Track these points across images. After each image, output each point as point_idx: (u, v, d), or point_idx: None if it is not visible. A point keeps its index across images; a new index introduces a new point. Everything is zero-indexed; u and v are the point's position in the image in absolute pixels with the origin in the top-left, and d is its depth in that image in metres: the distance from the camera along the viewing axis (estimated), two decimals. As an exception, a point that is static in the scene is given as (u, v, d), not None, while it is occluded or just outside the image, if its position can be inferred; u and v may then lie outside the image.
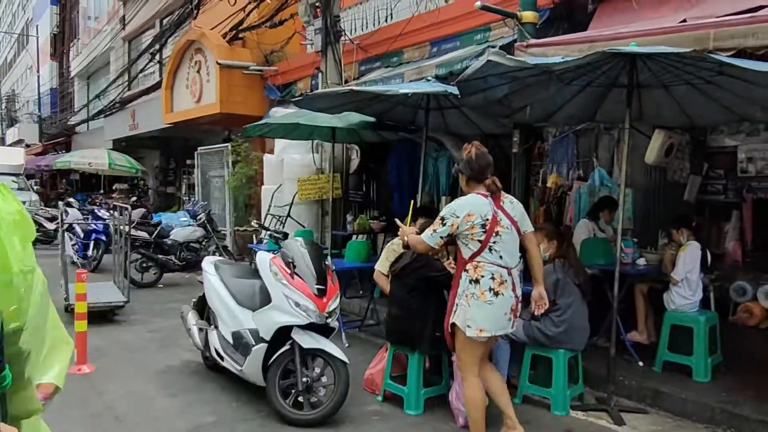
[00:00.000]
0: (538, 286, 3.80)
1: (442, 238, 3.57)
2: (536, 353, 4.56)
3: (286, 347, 4.12)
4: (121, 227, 9.38)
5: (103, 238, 10.35)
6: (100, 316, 6.72)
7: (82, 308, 5.03)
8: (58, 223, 13.37)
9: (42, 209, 14.12)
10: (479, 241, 3.50)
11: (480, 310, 3.49)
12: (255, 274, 4.65)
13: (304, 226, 8.96)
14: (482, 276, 3.50)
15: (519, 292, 3.66)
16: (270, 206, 9.39)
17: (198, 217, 10.10)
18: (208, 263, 5.17)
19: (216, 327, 4.77)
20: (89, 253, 10.52)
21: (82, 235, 10.84)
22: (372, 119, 6.98)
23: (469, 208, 3.52)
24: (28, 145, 28.73)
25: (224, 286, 4.77)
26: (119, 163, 16.60)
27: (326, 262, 4.41)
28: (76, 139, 25.35)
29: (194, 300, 5.33)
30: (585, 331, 4.60)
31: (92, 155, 16.56)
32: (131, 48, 19.89)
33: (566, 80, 4.85)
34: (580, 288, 4.56)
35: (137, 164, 17.42)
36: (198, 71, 12.95)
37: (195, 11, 12.78)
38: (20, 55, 42.10)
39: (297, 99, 6.03)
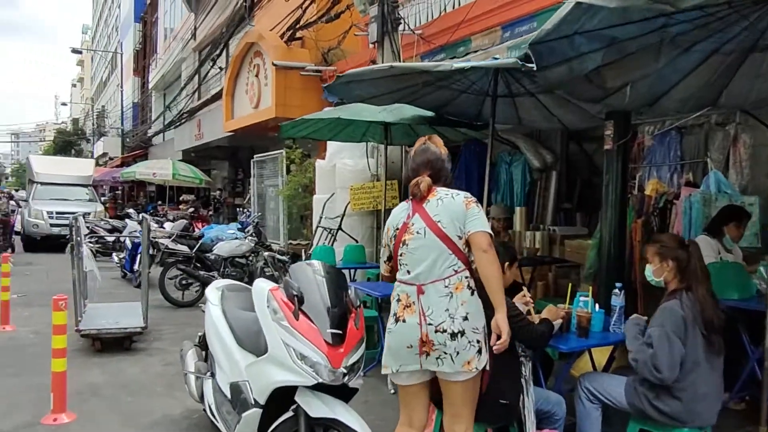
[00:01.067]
0: (498, 313, 2.77)
1: (385, 262, 3.05)
2: (646, 429, 3.17)
3: (290, 413, 2.95)
4: (160, 240, 8.65)
5: (150, 251, 9.62)
6: (116, 343, 5.82)
7: (58, 343, 4.05)
8: (117, 235, 12.96)
9: (104, 221, 13.75)
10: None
11: (386, 341, 2.87)
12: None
13: (356, 241, 7.84)
14: (393, 299, 2.89)
15: (441, 317, 2.73)
16: (321, 218, 8.33)
17: (247, 230, 9.19)
18: (213, 289, 4.09)
19: (213, 375, 3.67)
20: (136, 266, 9.83)
21: (130, 248, 10.19)
22: (429, 113, 5.74)
23: (389, 220, 3.03)
24: (111, 158, 29.40)
25: (225, 322, 3.66)
26: (184, 174, 16.15)
27: (349, 295, 3.20)
28: (152, 150, 25.57)
29: (200, 334, 4.26)
30: (717, 400, 3.16)
31: (157, 165, 16.22)
32: (200, 58, 19.62)
33: (685, 44, 3.45)
34: (709, 334, 3.12)
35: (202, 175, 16.96)
36: (256, 75, 12.20)
37: (249, 13, 12.01)
38: (112, 74, 43.90)
39: (329, 84, 4.84)
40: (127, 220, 13.15)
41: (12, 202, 17.31)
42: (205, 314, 3.96)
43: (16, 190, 32.20)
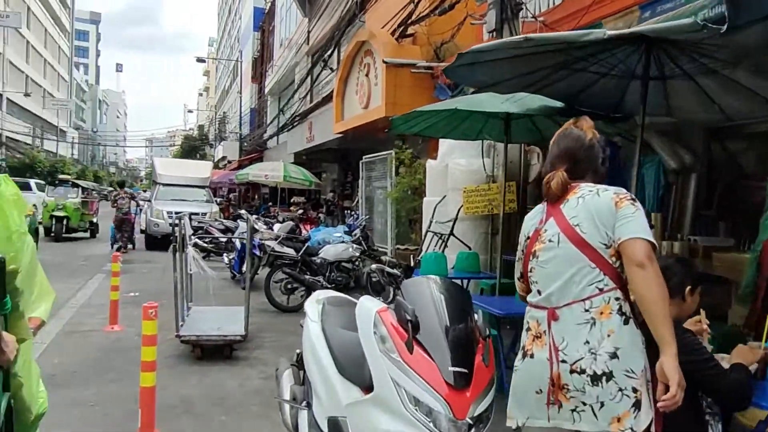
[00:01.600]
0: (663, 354, 1.97)
1: (518, 279, 2.42)
2: None
3: (399, 470, 2.31)
4: (266, 242, 8.38)
5: (258, 252, 9.43)
6: (217, 350, 5.50)
7: (148, 355, 3.69)
8: (228, 236, 13.04)
9: (218, 221, 13.96)
10: None
11: (512, 382, 2.27)
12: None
13: (469, 247, 7.12)
14: (523, 327, 2.28)
15: (579, 352, 2.03)
16: (431, 222, 7.68)
17: (354, 233, 8.74)
18: (313, 302, 3.55)
19: (309, 405, 3.11)
20: (244, 268, 9.69)
21: (239, 249, 10.08)
22: (558, 104, 4.92)
23: (522, 228, 2.41)
24: (229, 161, 30.54)
25: (325, 343, 3.08)
26: (294, 176, 16.16)
27: (476, 321, 2.51)
28: (267, 153, 26.19)
29: (298, 352, 3.75)
30: None
31: (269, 168, 16.36)
32: (313, 61, 19.70)
33: None
34: None
35: (311, 177, 16.90)
36: (366, 75, 11.79)
37: (360, 11, 11.62)
38: (234, 82, 46.03)
39: (449, 66, 4.14)
40: (238, 221, 13.23)
41: (137, 202, 18.23)
42: (303, 330, 3.43)
43: (144, 191, 34.38)
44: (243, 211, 13.64)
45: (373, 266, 2.68)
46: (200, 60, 40.95)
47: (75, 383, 4.71)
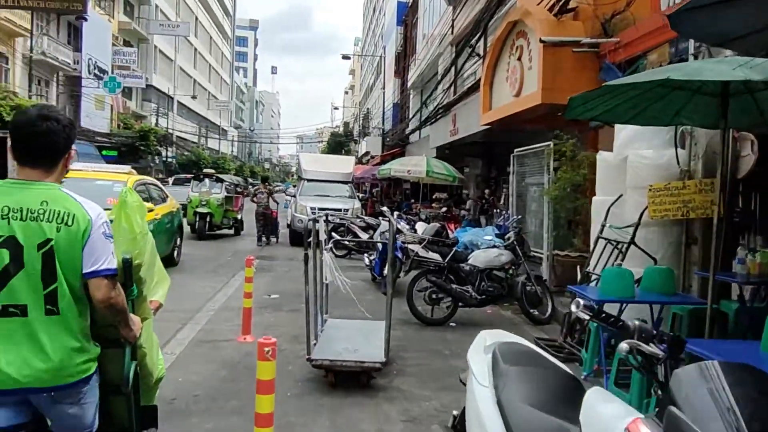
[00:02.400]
0: None
1: None
2: None
3: None
4: (409, 246, 7.49)
5: (400, 255, 8.59)
6: (352, 376, 4.66)
7: (264, 406, 2.86)
8: (371, 233, 12.40)
9: (359, 218, 13.41)
10: None
11: None
12: (571, 400, 1.87)
13: (654, 260, 5.68)
14: None
15: None
16: (603, 226, 6.30)
17: (506, 237, 7.57)
18: (479, 351, 2.55)
19: None
20: (385, 272, 8.90)
21: (380, 249, 9.32)
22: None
23: None
24: (372, 156, 30.39)
25: (503, 424, 2.03)
26: (437, 171, 15.20)
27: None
28: (409, 148, 25.57)
29: (455, 414, 2.75)
30: None
31: (411, 162, 15.54)
32: (457, 51, 18.60)
33: None
34: None
35: (455, 172, 15.84)
36: (519, 58, 10.48)
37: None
38: (377, 79, 46.28)
39: (675, 12, 2.87)
40: (380, 219, 12.56)
41: (287, 197, 18.35)
42: (466, 392, 2.43)
43: (294, 186, 35.46)
44: (385, 209, 12.94)
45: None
46: (345, 57, 41.64)
47: (193, 412, 4.10)
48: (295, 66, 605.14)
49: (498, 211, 10.84)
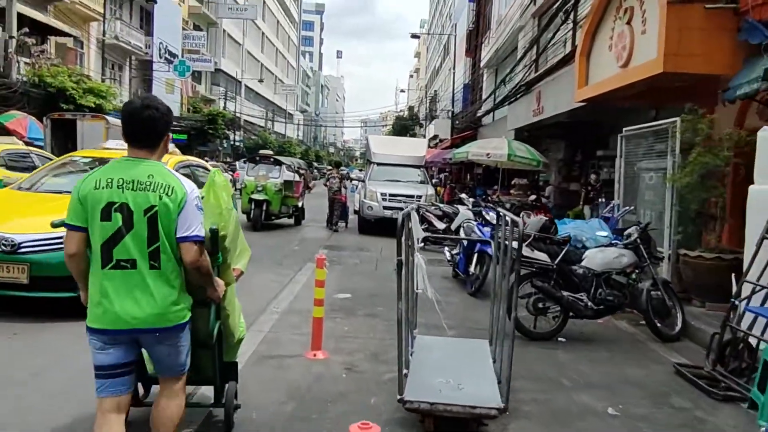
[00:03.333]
0: None
1: None
2: None
3: None
4: (506, 242, 6.19)
5: (490, 251, 7.33)
6: (455, 421, 3.48)
7: None
8: (447, 222, 11.16)
9: (434, 205, 12.18)
10: None
11: None
12: None
13: None
14: None
15: None
16: (770, 225, 4.81)
17: (626, 233, 6.17)
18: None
19: None
20: (471, 269, 7.67)
21: (466, 244, 8.08)
22: None
23: None
24: (441, 140, 28.99)
25: None
26: (520, 155, 13.72)
27: None
28: (481, 131, 24.02)
29: None
30: None
31: (490, 145, 14.10)
32: (540, 24, 16.92)
33: None
34: None
35: (539, 156, 14.30)
36: (628, 22, 8.90)
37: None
38: (444, 61, 44.63)
39: None
40: (458, 207, 11.31)
41: (354, 182, 17.33)
42: None
43: (360, 170, 34.53)
44: (464, 196, 11.67)
45: None
46: (414, 36, 40.30)
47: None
48: (360, 50, 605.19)
49: (602, 200, 9.34)
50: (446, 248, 8.95)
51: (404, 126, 54.20)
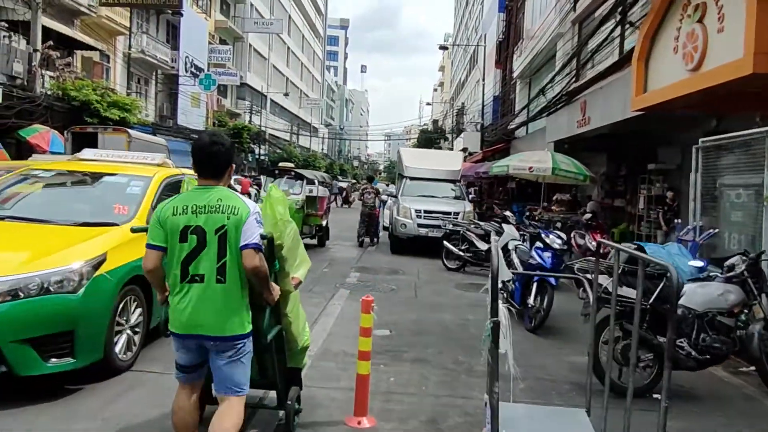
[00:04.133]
0: None
1: None
2: None
3: None
4: (591, 276, 5.14)
5: (553, 281, 6.30)
6: None
7: None
8: (489, 242, 10.10)
9: (473, 223, 11.15)
10: None
11: None
12: None
13: None
14: None
15: None
16: None
17: (727, 265, 5.07)
18: None
19: None
20: (530, 301, 6.61)
21: (520, 268, 7.05)
22: None
23: None
24: (470, 153, 27.95)
25: None
26: (565, 168, 12.64)
27: None
28: (514, 144, 22.91)
29: None
30: None
31: (533, 158, 13.02)
32: (581, 31, 15.88)
33: None
34: None
35: (586, 170, 13.18)
36: (700, 20, 7.83)
37: None
38: (471, 73, 43.70)
39: None
40: (503, 225, 10.25)
41: (380, 198, 16.42)
42: None
43: (387, 184, 33.63)
44: (509, 213, 10.64)
45: None
46: (442, 47, 39.59)
47: None
48: (383, 64, 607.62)
49: (676, 221, 8.22)
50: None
51: (429, 139, 53.22)
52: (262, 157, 41.17)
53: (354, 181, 49.30)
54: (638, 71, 9.73)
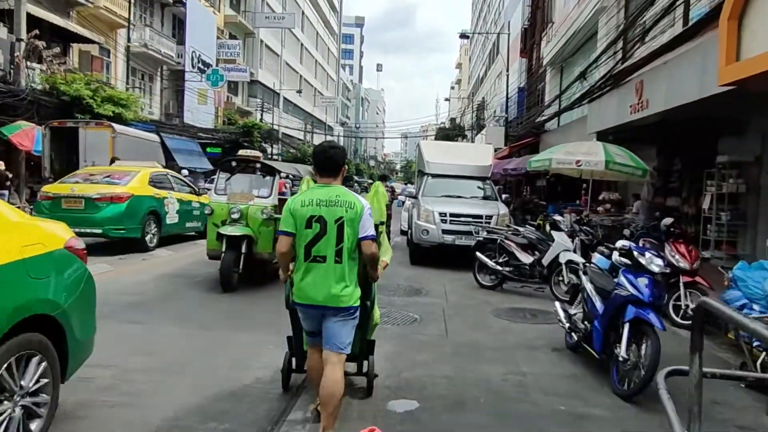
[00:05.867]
0: None
1: None
2: None
3: None
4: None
5: (655, 321, 4.17)
6: None
7: None
8: (534, 254, 8.00)
9: (511, 229, 8.97)
10: None
11: None
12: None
13: None
14: None
15: None
16: None
17: None
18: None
19: None
20: (621, 351, 4.44)
21: (595, 299, 4.90)
22: None
23: None
24: (495, 149, 25.73)
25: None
26: (620, 161, 10.40)
27: None
28: (544, 138, 20.64)
29: None
30: None
31: (581, 150, 10.78)
32: (629, 2, 13.64)
33: None
34: None
35: (643, 163, 10.93)
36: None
37: None
38: (490, 68, 41.44)
39: None
40: (554, 233, 8.09)
41: (400, 197, 14.36)
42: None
43: (405, 184, 31.51)
44: (559, 218, 8.49)
45: None
46: (463, 36, 37.27)
47: None
48: (399, 63, 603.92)
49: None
50: (557, 303, 5.76)
51: (447, 137, 50.97)
52: (275, 156, 39.31)
53: (370, 181, 47.21)
54: (729, 34, 7.49)
